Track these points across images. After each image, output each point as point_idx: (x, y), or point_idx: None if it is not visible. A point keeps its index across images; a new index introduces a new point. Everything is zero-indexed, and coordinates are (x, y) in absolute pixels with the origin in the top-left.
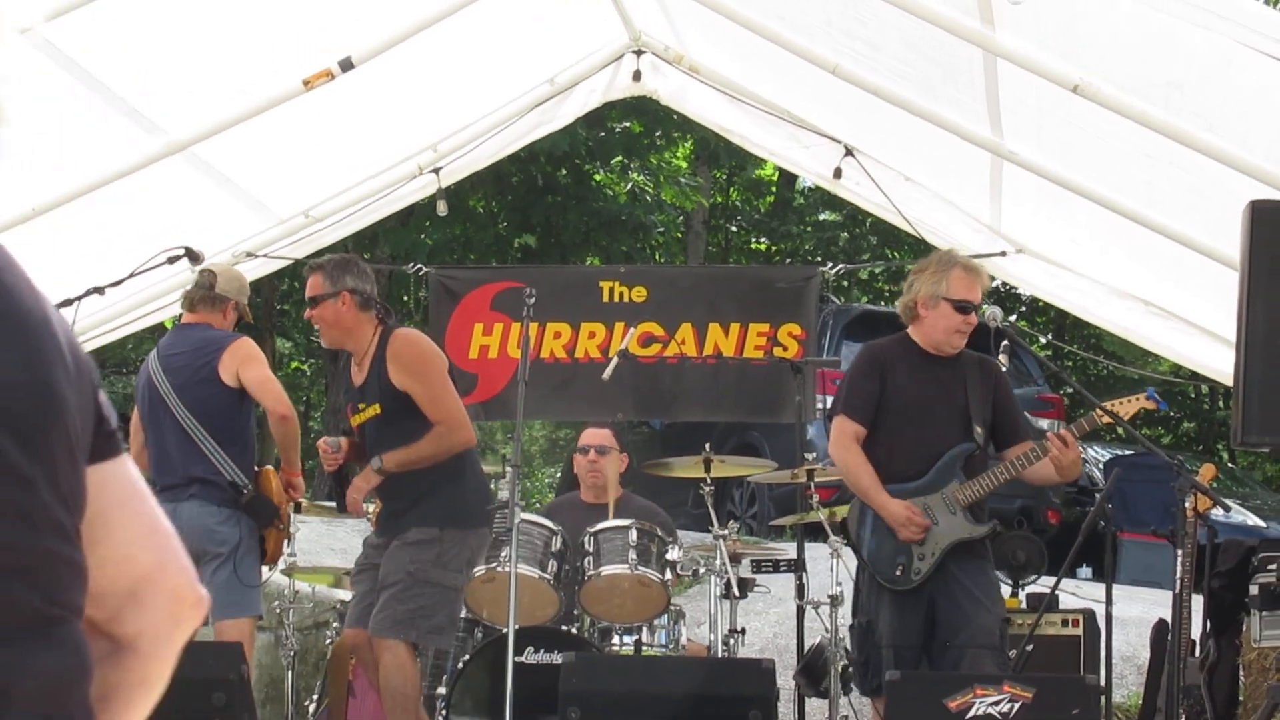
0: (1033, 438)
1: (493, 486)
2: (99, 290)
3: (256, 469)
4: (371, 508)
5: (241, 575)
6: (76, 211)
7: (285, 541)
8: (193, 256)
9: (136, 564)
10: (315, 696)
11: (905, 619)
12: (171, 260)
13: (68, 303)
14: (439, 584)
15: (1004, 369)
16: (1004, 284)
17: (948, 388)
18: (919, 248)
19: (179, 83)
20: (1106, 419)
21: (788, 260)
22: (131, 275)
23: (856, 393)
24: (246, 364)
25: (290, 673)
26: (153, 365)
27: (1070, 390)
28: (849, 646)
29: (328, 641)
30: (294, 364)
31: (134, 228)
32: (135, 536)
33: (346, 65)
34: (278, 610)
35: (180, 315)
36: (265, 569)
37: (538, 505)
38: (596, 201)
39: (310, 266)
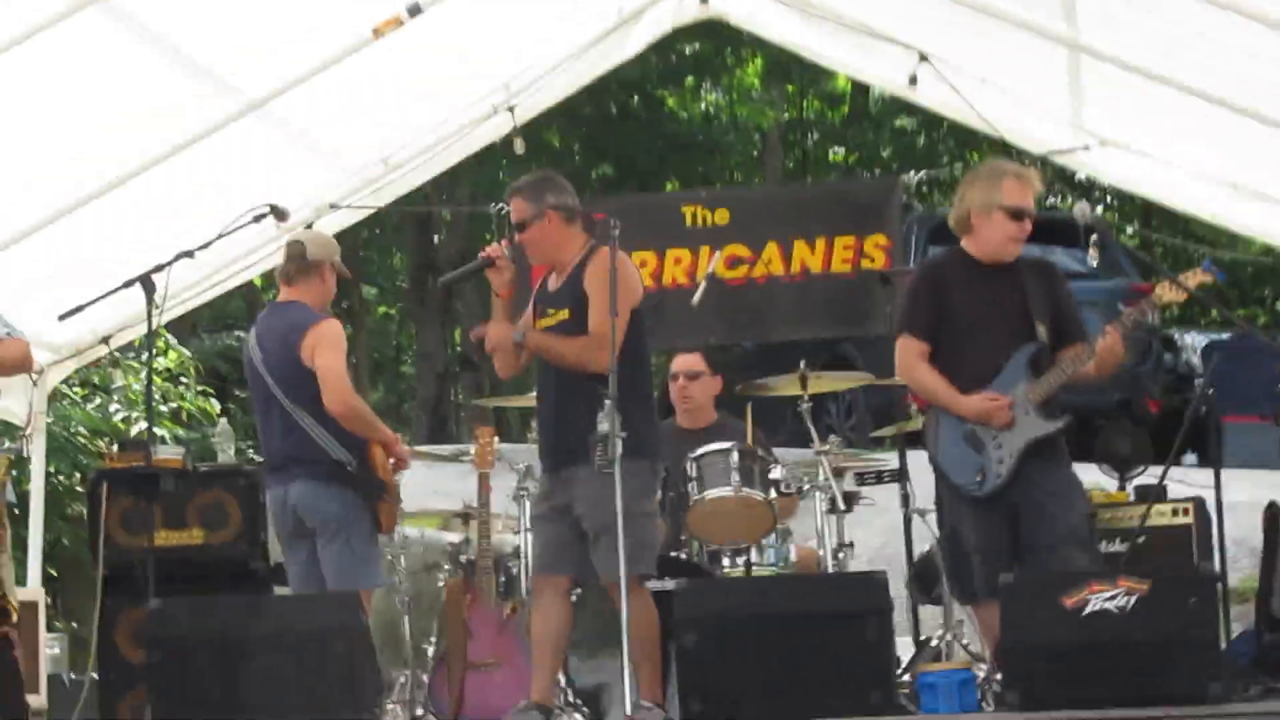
0: (1091, 337)
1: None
2: (189, 254)
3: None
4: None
5: (355, 548)
6: (159, 177)
7: (399, 513)
8: (278, 213)
9: None
10: (432, 639)
11: (990, 525)
12: (258, 219)
13: (160, 268)
14: (650, 513)
15: (1094, 263)
16: (1087, 177)
17: (1006, 296)
18: (998, 149)
19: (249, 40)
20: (1168, 297)
21: (866, 170)
22: (220, 236)
23: (917, 311)
24: (319, 348)
25: (406, 617)
26: (251, 346)
27: (1162, 278)
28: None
29: (440, 584)
30: (381, 309)
31: (217, 189)
32: None
33: (414, 10)
34: (389, 556)
35: (276, 292)
36: (382, 538)
37: None
38: (670, 126)
39: (511, 190)
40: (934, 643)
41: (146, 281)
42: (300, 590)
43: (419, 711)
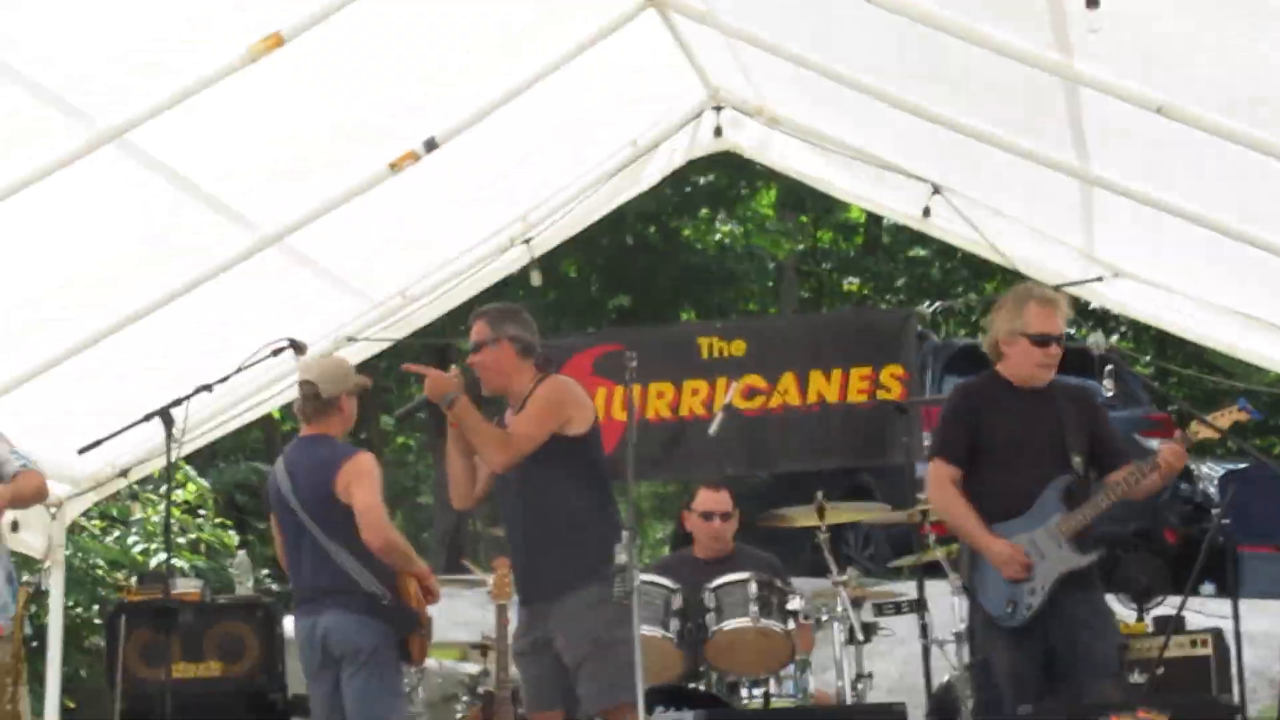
0: (1135, 458)
1: None
2: (208, 388)
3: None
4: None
5: (382, 681)
6: (178, 311)
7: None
8: (296, 347)
9: None
10: None
11: (1021, 654)
12: (276, 352)
13: (178, 402)
14: (629, 639)
15: (1110, 394)
16: (1102, 307)
17: (1042, 421)
18: (1013, 278)
19: (266, 175)
20: (1203, 434)
21: (881, 300)
22: (239, 370)
23: (950, 435)
24: (355, 484)
25: None
26: (280, 477)
27: (1177, 408)
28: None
29: (459, 716)
30: (400, 440)
31: (235, 322)
32: None
33: (431, 145)
34: (407, 687)
35: (295, 424)
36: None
37: (648, 561)
38: (686, 256)
39: (475, 313)
40: None
41: (165, 415)
42: None
43: None
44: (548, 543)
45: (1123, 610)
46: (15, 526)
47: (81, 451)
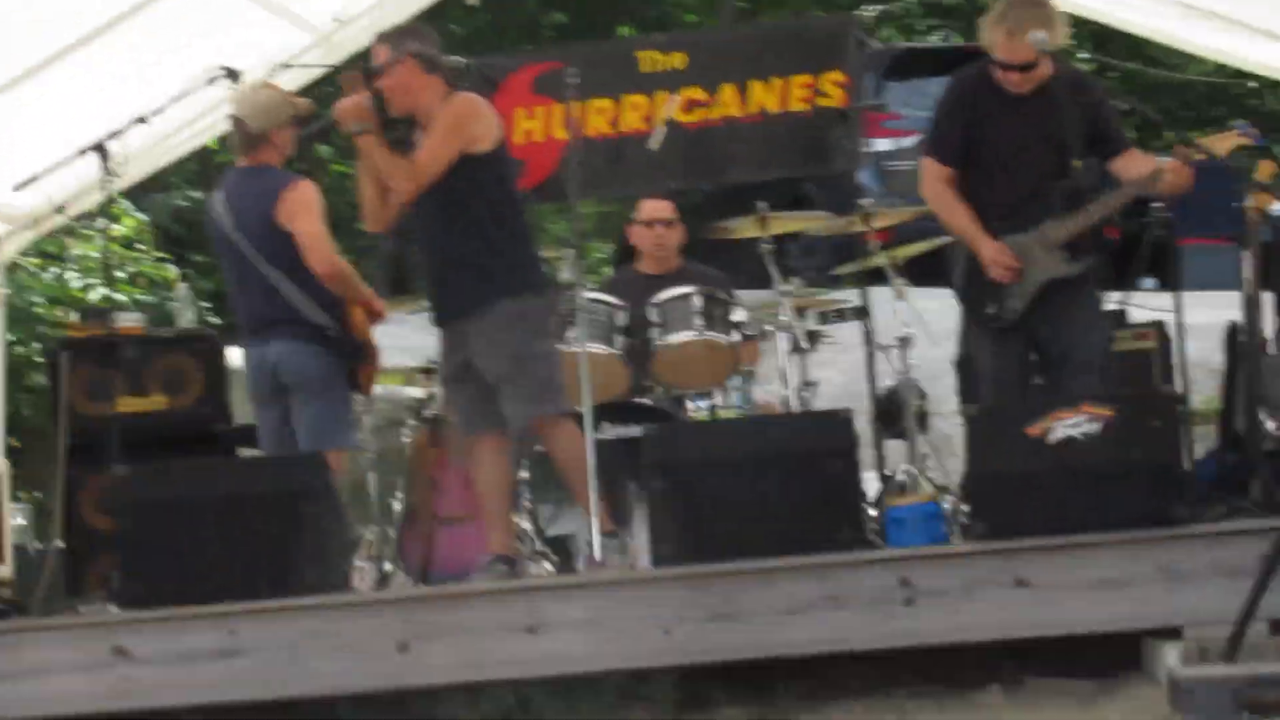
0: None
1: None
2: (143, 120)
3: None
4: None
5: (334, 409)
6: (111, 42)
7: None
8: (232, 76)
9: None
10: (399, 496)
11: (1004, 354)
12: (211, 82)
13: (114, 135)
14: (549, 352)
15: None
16: None
17: (1039, 120)
18: None
19: None
20: (1199, 157)
21: (820, 6)
22: (174, 101)
23: (942, 134)
24: (298, 212)
25: (371, 474)
26: (220, 210)
27: (1122, 106)
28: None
29: (405, 439)
30: (336, 167)
31: (170, 52)
32: None
33: None
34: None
35: (231, 157)
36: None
37: (593, 282)
38: None
39: (377, 36)
40: (899, 477)
41: (101, 149)
42: (271, 451)
43: (388, 568)
44: (458, 261)
45: None
46: None
47: (17, 188)
